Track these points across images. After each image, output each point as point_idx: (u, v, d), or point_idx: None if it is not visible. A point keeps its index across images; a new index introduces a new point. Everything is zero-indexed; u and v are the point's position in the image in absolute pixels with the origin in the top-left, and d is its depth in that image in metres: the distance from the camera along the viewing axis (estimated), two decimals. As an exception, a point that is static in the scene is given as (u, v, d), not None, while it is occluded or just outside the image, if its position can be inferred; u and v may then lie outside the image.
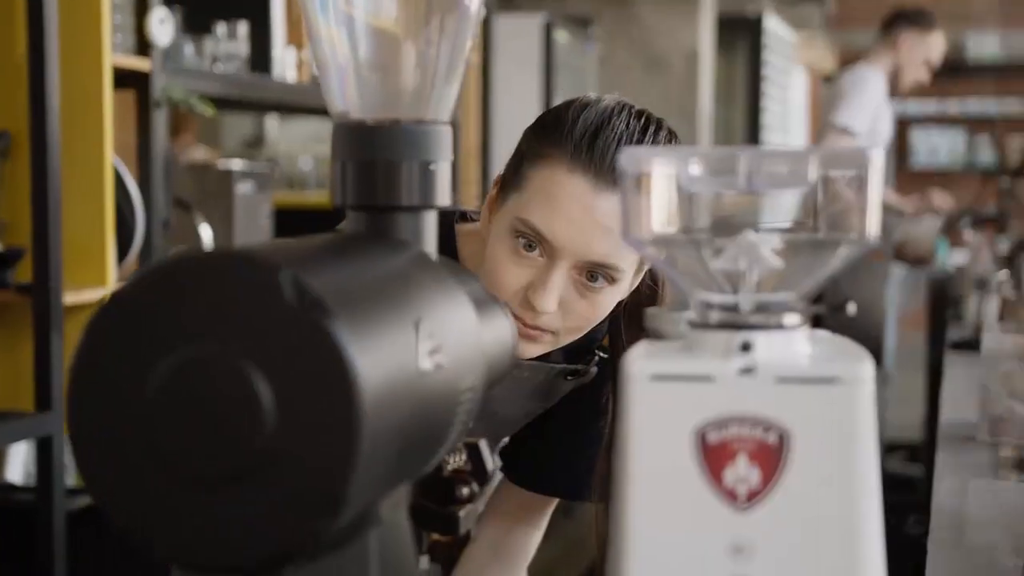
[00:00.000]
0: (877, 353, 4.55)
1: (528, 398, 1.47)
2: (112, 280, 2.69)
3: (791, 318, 0.70)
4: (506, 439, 1.54)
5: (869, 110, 4.51)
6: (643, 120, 1.30)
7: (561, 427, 1.51)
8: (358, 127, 0.79)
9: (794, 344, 0.70)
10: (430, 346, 0.69)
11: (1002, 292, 2.86)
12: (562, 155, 1.26)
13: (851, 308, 0.72)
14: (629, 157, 0.71)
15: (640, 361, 0.69)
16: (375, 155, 0.78)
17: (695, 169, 0.70)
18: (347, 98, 0.80)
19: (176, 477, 0.62)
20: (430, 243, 0.80)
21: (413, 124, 0.79)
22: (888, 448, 5.38)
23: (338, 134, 0.80)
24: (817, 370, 0.68)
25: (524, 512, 1.58)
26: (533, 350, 1.32)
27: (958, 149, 9.25)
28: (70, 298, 2.53)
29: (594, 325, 1.33)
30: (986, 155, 9.17)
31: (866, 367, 0.68)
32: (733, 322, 0.70)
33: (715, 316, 0.71)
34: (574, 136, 1.26)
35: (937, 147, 9.27)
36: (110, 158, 2.68)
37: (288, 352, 0.60)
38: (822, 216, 0.71)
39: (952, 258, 5.27)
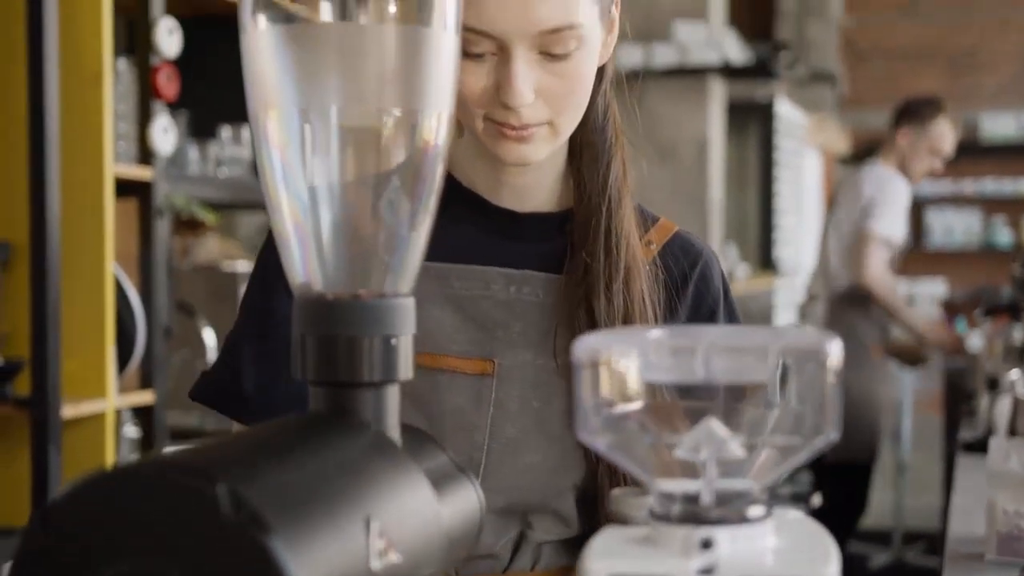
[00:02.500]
0: (871, 448, 4.34)
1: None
2: (112, 391, 2.67)
3: (755, 510, 0.68)
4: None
5: (904, 216, 4.52)
6: None
7: None
8: (318, 301, 0.78)
9: (758, 539, 0.68)
10: (382, 544, 0.67)
11: (1015, 392, 2.74)
12: None
13: (816, 500, 0.69)
14: (583, 347, 0.69)
15: (599, 560, 0.67)
16: (336, 330, 0.77)
17: (652, 358, 0.68)
18: (308, 271, 0.79)
19: None
20: (391, 419, 0.79)
21: (375, 298, 0.78)
22: (906, 539, 5.29)
23: (298, 307, 0.78)
24: (780, 571, 0.65)
25: None
26: (537, 151, 1.23)
27: (974, 229, 9.22)
28: (69, 411, 2.51)
29: (586, 99, 1.24)
30: (1003, 235, 9.15)
31: (831, 566, 0.65)
32: (694, 515, 0.68)
33: (676, 509, 0.68)
34: None
35: (953, 227, 9.25)
36: (111, 269, 2.68)
37: (224, 569, 0.58)
38: (785, 410, 0.69)
39: (972, 340, 5.21)
